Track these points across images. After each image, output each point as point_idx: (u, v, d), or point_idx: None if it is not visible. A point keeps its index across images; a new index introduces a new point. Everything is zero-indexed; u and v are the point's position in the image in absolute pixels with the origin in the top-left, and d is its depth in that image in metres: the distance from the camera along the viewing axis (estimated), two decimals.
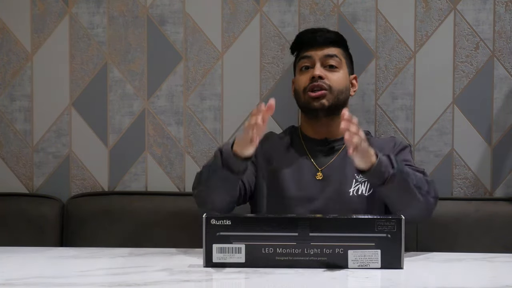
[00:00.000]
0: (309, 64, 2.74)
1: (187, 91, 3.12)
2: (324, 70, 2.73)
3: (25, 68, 3.15)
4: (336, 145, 2.74)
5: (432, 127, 3.08)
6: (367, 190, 2.64)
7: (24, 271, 2.22)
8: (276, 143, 2.79)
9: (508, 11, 3.05)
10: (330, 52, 2.74)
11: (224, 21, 3.10)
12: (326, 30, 2.81)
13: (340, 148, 2.72)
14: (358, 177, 2.65)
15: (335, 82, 2.71)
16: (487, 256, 2.45)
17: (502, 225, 2.93)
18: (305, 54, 2.76)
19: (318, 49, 2.74)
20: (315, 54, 2.74)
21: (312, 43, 2.75)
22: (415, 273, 2.22)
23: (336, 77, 2.72)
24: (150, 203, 3.04)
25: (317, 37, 2.76)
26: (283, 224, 2.24)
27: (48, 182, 3.15)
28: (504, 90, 3.06)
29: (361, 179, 2.65)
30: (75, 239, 3.00)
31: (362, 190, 2.65)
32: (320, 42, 2.75)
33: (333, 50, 2.75)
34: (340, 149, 2.72)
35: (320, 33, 2.77)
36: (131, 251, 2.51)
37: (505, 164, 3.07)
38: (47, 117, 3.15)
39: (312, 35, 2.78)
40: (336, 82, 2.71)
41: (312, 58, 2.74)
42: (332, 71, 2.73)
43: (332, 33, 2.81)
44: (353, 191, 2.65)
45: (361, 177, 2.64)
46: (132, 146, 3.14)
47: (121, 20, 3.13)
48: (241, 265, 2.23)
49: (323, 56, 2.74)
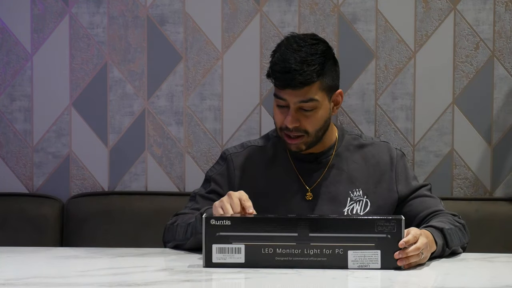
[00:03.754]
0: (284, 105, 2.51)
1: (187, 91, 3.12)
2: (299, 114, 2.50)
3: (25, 68, 3.14)
4: (323, 158, 2.61)
5: (432, 127, 3.08)
6: (362, 209, 2.57)
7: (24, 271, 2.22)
8: (259, 161, 2.63)
9: (508, 11, 3.05)
10: (306, 97, 2.48)
11: (224, 21, 3.10)
12: (300, 66, 2.47)
13: (328, 160, 2.61)
14: (352, 194, 2.57)
15: (312, 125, 2.52)
16: (487, 256, 2.45)
17: (502, 225, 2.93)
18: (280, 95, 2.50)
19: (294, 93, 2.48)
20: (289, 99, 2.49)
21: (286, 85, 2.49)
22: (415, 273, 2.22)
23: (313, 120, 2.51)
24: (150, 203, 3.04)
25: (292, 80, 2.47)
26: (283, 225, 2.24)
27: (48, 182, 3.15)
28: (504, 90, 3.06)
29: (356, 198, 2.58)
30: (75, 239, 3.00)
31: (357, 209, 2.57)
32: (295, 85, 2.47)
33: (311, 91, 2.49)
34: (328, 161, 2.61)
35: (295, 74, 2.46)
36: (131, 251, 2.51)
37: (505, 164, 3.07)
38: (47, 117, 3.15)
39: (287, 76, 2.47)
40: (313, 124, 2.52)
41: (286, 101, 2.50)
42: (309, 115, 2.51)
43: (309, 70, 2.47)
44: (348, 211, 2.57)
45: (356, 196, 2.57)
46: (132, 146, 3.14)
47: (121, 20, 3.13)
48: (240, 265, 2.23)
49: (298, 101, 2.48)
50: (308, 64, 2.48)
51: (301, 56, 2.49)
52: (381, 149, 2.65)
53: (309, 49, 2.50)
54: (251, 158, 2.64)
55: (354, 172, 2.61)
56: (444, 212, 2.55)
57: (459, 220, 2.52)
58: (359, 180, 2.60)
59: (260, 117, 3.10)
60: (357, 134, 2.68)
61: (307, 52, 2.50)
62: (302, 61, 2.48)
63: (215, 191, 2.60)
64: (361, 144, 2.65)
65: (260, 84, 3.10)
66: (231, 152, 2.65)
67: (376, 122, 3.08)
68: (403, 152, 2.68)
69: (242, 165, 2.63)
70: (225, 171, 2.63)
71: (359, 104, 3.07)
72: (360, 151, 2.64)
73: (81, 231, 3.00)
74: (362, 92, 3.07)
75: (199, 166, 3.11)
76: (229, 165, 2.63)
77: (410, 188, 2.60)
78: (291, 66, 2.47)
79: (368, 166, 2.62)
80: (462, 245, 2.46)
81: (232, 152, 2.65)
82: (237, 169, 2.62)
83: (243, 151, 2.65)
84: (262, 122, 3.10)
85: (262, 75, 3.08)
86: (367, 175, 2.61)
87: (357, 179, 2.60)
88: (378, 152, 2.64)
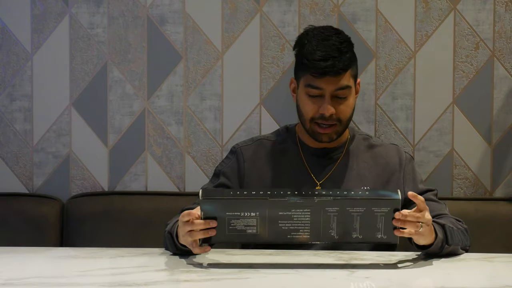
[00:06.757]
0: (318, 94, 2.54)
1: (187, 91, 3.12)
2: (334, 102, 2.54)
3: (25, 68, 3.15)
4: (334, 154, 2.64)
5: (432, 127, 3.08)
6: None
7: (24, 271, 2.22)
8: (268, 153, 2.66)
9: (508, 11, 3.05)
10: (342, 84, 2.53)
11: (224, 21, 3.10)
12: (338, 53, 2.52)
13: (339, 157, 2.64)
14: None
15: (345, 113, 2.56)
16: (487, 256, 2.45)
17: (502, 225, 2.93)
18: (315, 84, 2.52)
19: (332, 80, 2.51)
20: (326, 87, 2.52)
21: (325, 72, 2.51)
22: (415, 273, 2.22)
23: (345, 107, 2.55)
24: (150, 203, 3.04)
25: (333, 67, 2.50)
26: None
27: (48, 182, 3.15)
28: (504, 90, 3.06)
29: None
30: (75, 239, 3.00)
31: None
32: (336, 72, 2.50)
33: (345, 78, 2.53)
34: (339, 158, 2.64)
35: (335, 61, 2.50)
36: (131, 251, 2.51)
37: (505, 164, 3.07)
38: (47, 117, 3.15)
39: (328, 64, 2.49)
40: (346, 112, 2.56)
41: (322, 90, 2.53)
42: (342, 102, 2.55)
43: (345, 57, 2.52)
44: None
45: None
46: (132, 146, 3.14)
47: (121, 20, 3.13)
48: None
49: (335, 89, 2.52)
50: (342, 52, 2.53)
51: (334, 44, 2.53)
52: (391, 150, 2.68)
53: (337, 38, 2.56)
54: (261, 150, 2.67)
55: (363, 171, 2.63)
56: (448, 215, 2.55)
57: (463, 224, 2.53)
58: (368, 179, 2.61)
59: (260, 117, 3.10)
60: (368, 135, 2.71)
61: (337, 40, 2.55)
62: (336, 49, 2.53)
63: (224, 185, 2.62)
64: (371, 144, 2.68)
65: (260, 84, 3.10)
66: (240, 145, 2.69)
67: (376, 122, 3.08)
68: (412, 156, 2.71)
69: (251, 157, 2.64)
70: (235, 164, 2.65)
71: (359, 104, 3.07)
72: (370, 151, 2.66)
73: (81, 231, 3.00)
74: (362, 92, 3.07)
75: (199, 166, 3.11)
76: (239, 157, 2.65)
77: (417, 191, 2.60)
78: (330, 53, 2.51)
79: (377, 166, 2.63)
80: (463, 246, 2.46)
81: (242, 145, 2.68)
82: (247, 161, 2.64)
83: (253, 144, 2.68)
84: (262, 122, 3.10)
85: (262, 75, 3.08)
86: (376, 174, 2.62)
87: (365, 178, 2.62)
88: (387, 153, 2.66)
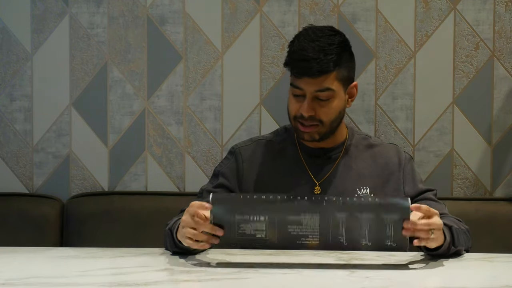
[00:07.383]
0: (300, 94, 2.53)
1: (187, 91, 3.12)
2: (315, 103, 2.52)
3: (25, 68, 3.15)
4: (333, 154, 2.64)
5: (432, 127, 3.08)
6: None
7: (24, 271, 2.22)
8: (267, 153, 2.65)
9: (508, 11, 3.05)
10: (323, 86, 2.50)
11: (224, 21, 3.10)
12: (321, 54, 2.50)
13: (337, 157, 2.63)
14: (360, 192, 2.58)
15: (327, 115, 2.54)
16: (487, 256, 2.45)
17: (502, 225, 2.93)
18: (296, 84, 2.52)
19: (310, 81, 2.50)
20: (305, 88, 2.51)
21: (303, 73, 2.51)
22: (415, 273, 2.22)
23: (328, 109, 2.53)
24: (150, 203, 3.04)
25: (309, 68, 2.49)
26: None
27: (48, 182, 3.15)
28: (504, 90, 3.06)
29: (363, 193, 2.58)
30: (75, 239, 3.00)
31: None
32: (312, 73, 2.49)
33: (327, 81, 2.51)
34: (338, 158, 2.63)
35: (312, 63, 2.49)
36: (131, 251, 2.50)
37: (505, 164, 3.07)
38: (47, 117, 3.15)
39: (304, 64, 2.49)
40: (328, 114, 2.54)
41: (303, 90, 2.52)
42: (324, 104, 2.53)
43: (326, 59, 2.50)
44: None
45: (363, 193, 2.58)
46: (132, 146, 3.14)
47: (121, 20, 3.13)
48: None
49: (314, 90, 2.50)
50: (326, 53, 2.50)
51: (318, 45, 2.51)
52: (390, 150, 2.67)
53: (327, 40, 2.52)
54: (260, 151, 2.66)
55: (362, 170, 2.62)
56: (448, 215, 2.55)
57: (464, 225, 2.53)
58: (367, 178, 2.61)
59: (260, 117, 3.10)
60: (367, 135, 2.71)
61: (325, 42, 2.52)
62: (319, 50, 2.50)
63: (223, 185, 2.61)
64: (371, 144, 2.67)
65: (260, 84, 3.10)
66: (239, 146, 2.68)
67: (376, 122, 3.08)
68: (411, 156, 2.70)
69: (250, 157, 2.64)
70: (234, 164, 2.64)
71: (359, 104, 3.07)
72: (369, 150, 2.66)
73: (81, 231, 3.00)
74: (362, 92, 3.07)
75: (199, 166, 3.11)
76: (238, 158, 2.65)
77: (417, 190, 2.60)
78: (308, 55, 2.49)
79: (376, 166, 2.63)
80: (466, 247, 2.46)
81: (240, 146, 2.68)
82: (246, 161, 2.64)
83: (252, 144, 2.68)
84: (262, 122, 3.10)
85: (262, 75, 3.08)
86: (375, 174, 2.62)
87: (365, 177, 2.61)
88: (387, 153, 2.66)
